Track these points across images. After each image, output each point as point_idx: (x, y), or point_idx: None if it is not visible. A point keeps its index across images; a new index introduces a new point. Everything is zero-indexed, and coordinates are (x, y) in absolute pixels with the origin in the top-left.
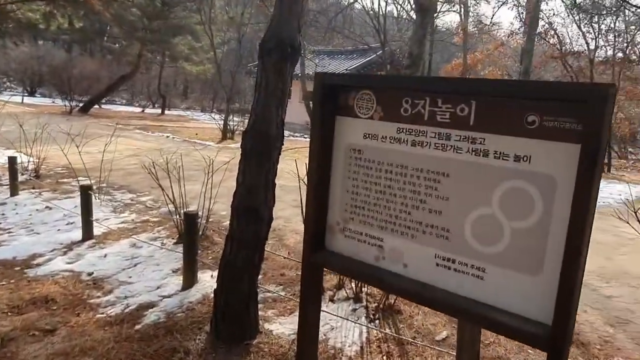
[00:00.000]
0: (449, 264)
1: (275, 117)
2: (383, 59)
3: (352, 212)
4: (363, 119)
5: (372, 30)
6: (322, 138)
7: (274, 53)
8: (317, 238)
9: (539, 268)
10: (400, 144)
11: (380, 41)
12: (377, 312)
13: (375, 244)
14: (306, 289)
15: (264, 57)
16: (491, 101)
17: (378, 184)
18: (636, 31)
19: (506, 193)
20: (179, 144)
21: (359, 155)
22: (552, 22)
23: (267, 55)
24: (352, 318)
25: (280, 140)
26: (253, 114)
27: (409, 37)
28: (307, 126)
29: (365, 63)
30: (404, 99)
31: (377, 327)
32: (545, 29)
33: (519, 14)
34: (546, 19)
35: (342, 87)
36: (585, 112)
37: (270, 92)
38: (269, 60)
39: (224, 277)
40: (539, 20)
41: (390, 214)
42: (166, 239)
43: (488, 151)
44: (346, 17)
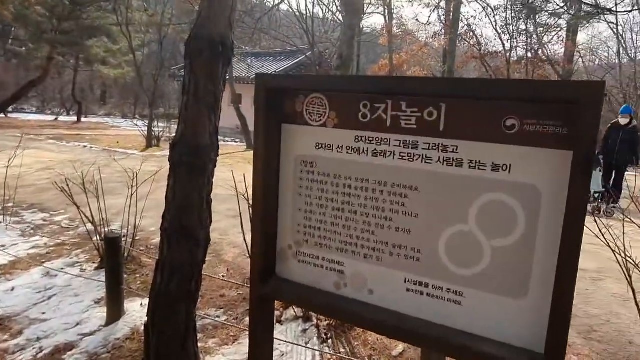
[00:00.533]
0: (422, 288)
1: (208, 126)
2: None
3: (307, 234)
4: (314, 126)
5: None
6: (268, 150)
7: (203, 52)
8: (267, 265)
9: (523, 290)
10: (360, 155)
11: (309, 42)
12: (329, 331)
13: (335, 269)
14: (256, 324)
15: (192, 58)
16: (464, 103)
17: (335, 200)
18: (544, 33)
19: (484, 207)
20: (98, 154)
21: (311, 169)
22: (470, 24)
23: (196, 55)
24: (302, 340)
25: (215, 151)
26: (182, 122)
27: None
28: (238, 130)
29: (294, 65)
30: (362, 102)
31: (331, 347)
32: (465, 30)
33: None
34: (465, 21)
35: (288, 91)
36: (574, 114)
37: (200, 97)
38: (198, 61)
39: (156, 310)
40: (459, 22)
41: (351, 234)
42: (86, 263)
43: (462, 160)
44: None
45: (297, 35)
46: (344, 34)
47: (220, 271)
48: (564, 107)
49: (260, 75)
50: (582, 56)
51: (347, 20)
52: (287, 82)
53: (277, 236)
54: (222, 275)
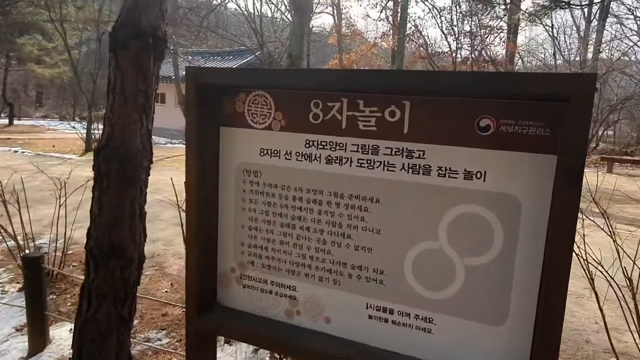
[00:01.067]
0: (386, 315)
1: (138, 129)
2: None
3: (252, 254)
4: (258, 129)
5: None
6: (204, 157)
7: (130, 44)
8: (206, 292)
9: (502, 316)
10: (311, 162)
11: (258, 42)
12: None
13: (286, 294)
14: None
15: (117, 50)
16: (431, 101)
17: (284, 215)
18: (486, 34)
19: (456, 221)
20: (30, 158)
21: (255, 179)
22: (418, 25)
23: (122, 47)
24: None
25: (147, 158)
26: (108, 125)
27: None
28: None
29: (243, 64)
30: (313, 101)
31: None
32: (413, 30)
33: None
34: (413, 21)
35: (225, 88)
36: (559, 113)
37: (129, 97)
38: (124, 55)
39: (82, 341)
40: (407, 23)
41: (304, 254)
42: (9, 284)
43: (429, 167)
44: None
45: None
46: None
47: (163, 286)
48: (546, 104)
49: (190, 69)
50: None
51: (297, 19)
52: (224, 78)
53: (217, 258)
54: (165, 291)
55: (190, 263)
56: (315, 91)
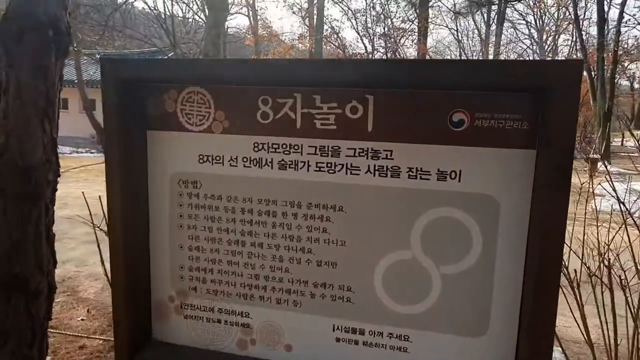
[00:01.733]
0: (356, 337)
1: (41, 137)
2: None
3: (194, 279)
4: (195, 132)
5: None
6: (128, 167)
7: (24, 37)
8: (138, 328)
9: (483, 326)
10: (262, 168)
11: (171, 42)
12: None
13: (238, 322)
14: None
15: (8, 45)
16: (397, 95)
17: (232, 231)
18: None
19: (430, 227)
20: None
21: (194, 190)
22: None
23: (15, 41)
24: None
25: (53, 170)
26: (1, 134)
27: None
28: (93, 140)
29: None
30: (261, 97)
31: None
32: (330, 32)
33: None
34: (329, 23)
35: (151, 84)
36: (539, 104)
37: (26, 100)
38: (18, 50)
39: None
40: (323, 25)
41: (257, 274)
42: None
43: (399, 168)
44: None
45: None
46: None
47: (78, 314)
48: (524, 96)
49: (107, 60)
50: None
51: (211, 18)
52: (150, 71)
53: (150, 286)
54: (81, 319)
55: (118, 295)
56: (263, 86)
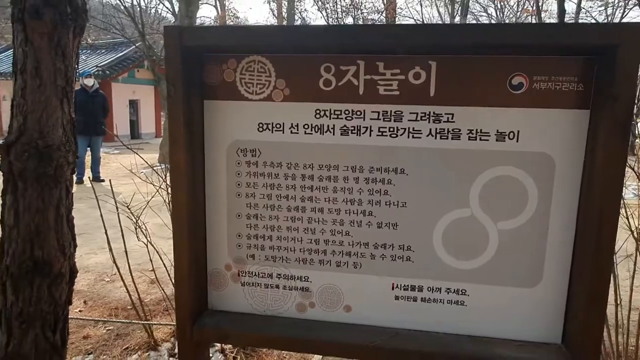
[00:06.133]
0: (415, 293)
1: (60, 117)
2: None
3: (252, 247)
4: (255, 101)
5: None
6: (190, 136)
7: (42, 13)
8: (197, 297)
9: (537, 277)
10: (323, 134)
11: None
12: (237, 353)
13: (297, 287)
14: None
15: (26, 21)
16: (459, 61)
17: (292, 197)
18: None
19: (488, 185)
20: None
21: (253, 158)
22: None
23: (33, 17)
24: None
25: (72, 152)
26: (19, 114)
27: None
28: None
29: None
30: (324, 65)
31: None
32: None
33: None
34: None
35: (212, 54)
36: (594, 66)
37: (46, 79)
38: (37, 26)
39: None
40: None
41: (317, 239)
42: None
43: (459, 131)
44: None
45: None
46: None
47: (75, 305)
48: (581, 58)
49: (172, 28)
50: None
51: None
52: (211, 40)
53: (206, 256)
54: (79, 310)
55: (181, 264)
56: (326, 54)
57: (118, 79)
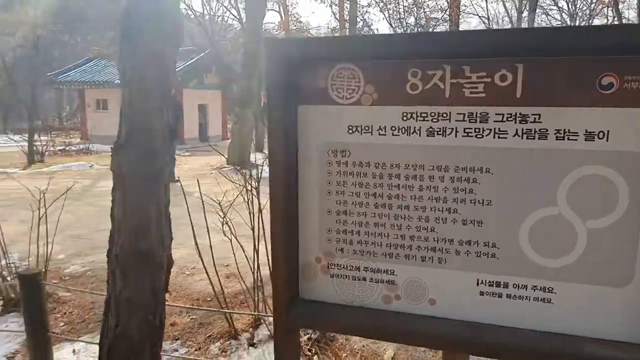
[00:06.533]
0: (500, 290)
1: (160, 124)
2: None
3: (341, 241)
4: (345, 105)
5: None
6: (286, 138)
7: (145, 32)
8: (291, 287)
9: (628, 276)
10: (410, 136)
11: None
12: (312, 346)
13: (383, 279)
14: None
15: (133, 38)
16: (546, 62)
17: (379, 195)
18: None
19: (577, 184)
20: None
21: (343, 159)
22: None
23: (137, 33)
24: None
25: (171, 154)
26: (126, 121)
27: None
28: None
29: (189, 66)
30: (411, 70)
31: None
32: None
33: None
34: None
35: (307, 62)
36: None
37: (149, 90)
38: (140, 42)
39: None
40: (357, 17)
41: (403, 234)
42: None
43: (546, 131)
44: None
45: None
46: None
47: None
48: None
49: (271, 40)
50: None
51: (251, 15)
52: (309, 49)
53: (298, 249)
54: None
55: (277, 255)
56: (412, 59)
57: (188, 85)
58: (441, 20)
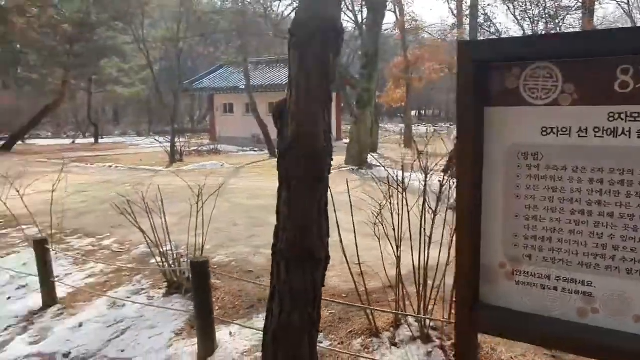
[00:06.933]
0: None
1: (322, 126)
2: None
3: (529, 247)
4: (539, 106)
5: None
6: (475, 140)
7: (313, 41)
8: (473, 289)
9: None
10: (617, 138)
11: None
12: None
13: (579, 290)
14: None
15: (302, 47)
16: None
17: (576, 200)
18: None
19: None
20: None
21: (534, 162)
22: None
23: (306, 43)
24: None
25: (330, 156)
26: (293, 124)
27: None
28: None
29: None
30: (620, 67)
31: None
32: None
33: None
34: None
35: (497, 64)
36: None
37: (314, 94)
38: (307, 51)
39: (278, 345)
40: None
41: (605, 243)
42: (152, 290)
43: None
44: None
45: None
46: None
47: None
48: None
49: (464, 42)
50: None
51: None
52: (501, 50)
53: (479, 252)
54: None
55: (463, 256)
56: (624, 56)
57: None
58: (574, 8)
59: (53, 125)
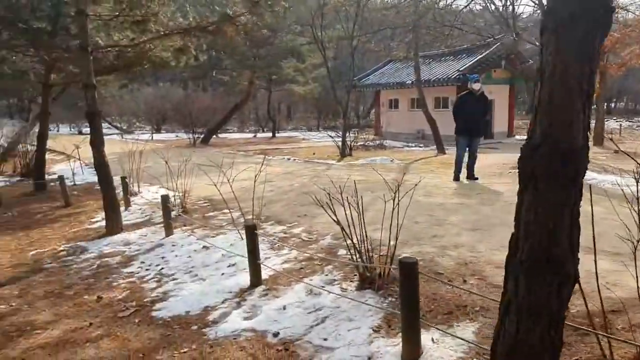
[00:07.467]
0: None
1: (581, 121)
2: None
3: None
4: None
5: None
6: None
7: (577, 22)
8: None
9: None
10: None
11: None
12: None
13: None
14: None
15: (559, 30)
16: None
17: None
18: None
19: None
20: (302, 165)
21: None
22: None
23: (564, 26)
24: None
25: (587, 155)
26: (544, 119)
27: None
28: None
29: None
30: None
31: None
32: None
33: None
34: None
35: None
36: None
37: (572, 85)
38: (568, 35)
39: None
40: None
41: None
42: (343, 282)
43: None
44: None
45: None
46: None
47: None
48: None
49: None
50: None
51: None
52: None
53: None
54: None
55: None
56: None
57: None
58: None
59: (238, 121)
